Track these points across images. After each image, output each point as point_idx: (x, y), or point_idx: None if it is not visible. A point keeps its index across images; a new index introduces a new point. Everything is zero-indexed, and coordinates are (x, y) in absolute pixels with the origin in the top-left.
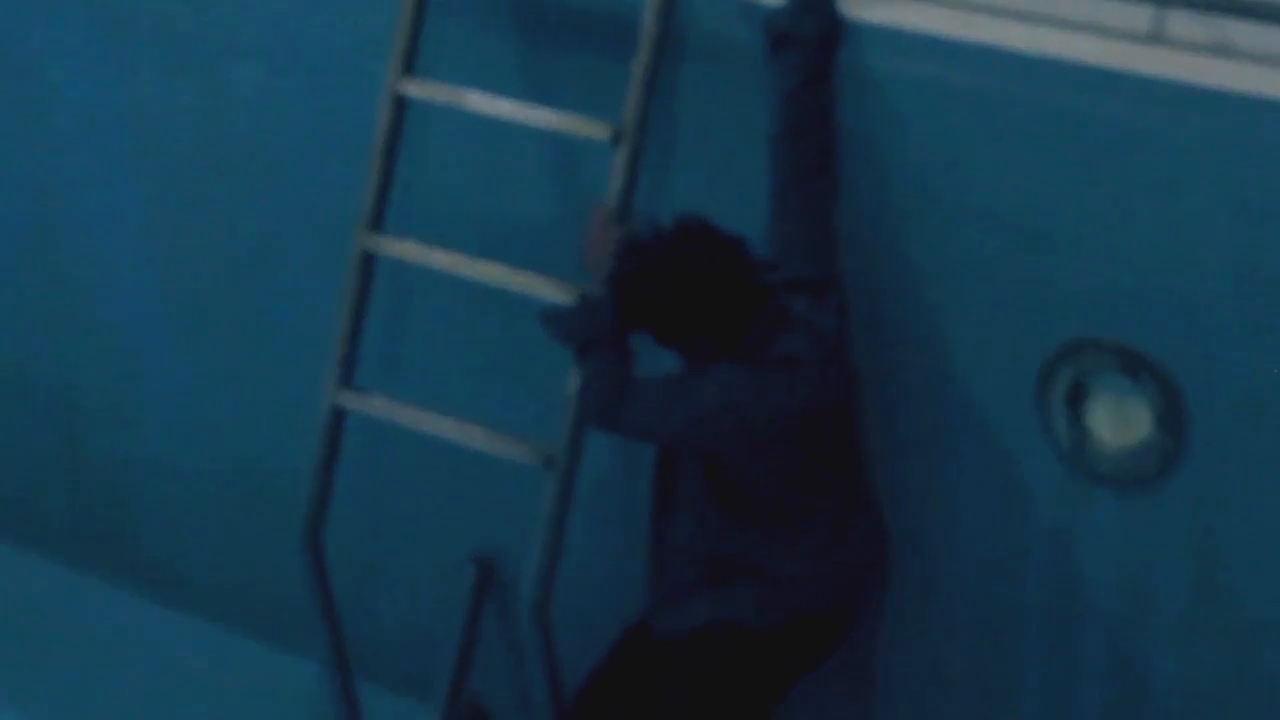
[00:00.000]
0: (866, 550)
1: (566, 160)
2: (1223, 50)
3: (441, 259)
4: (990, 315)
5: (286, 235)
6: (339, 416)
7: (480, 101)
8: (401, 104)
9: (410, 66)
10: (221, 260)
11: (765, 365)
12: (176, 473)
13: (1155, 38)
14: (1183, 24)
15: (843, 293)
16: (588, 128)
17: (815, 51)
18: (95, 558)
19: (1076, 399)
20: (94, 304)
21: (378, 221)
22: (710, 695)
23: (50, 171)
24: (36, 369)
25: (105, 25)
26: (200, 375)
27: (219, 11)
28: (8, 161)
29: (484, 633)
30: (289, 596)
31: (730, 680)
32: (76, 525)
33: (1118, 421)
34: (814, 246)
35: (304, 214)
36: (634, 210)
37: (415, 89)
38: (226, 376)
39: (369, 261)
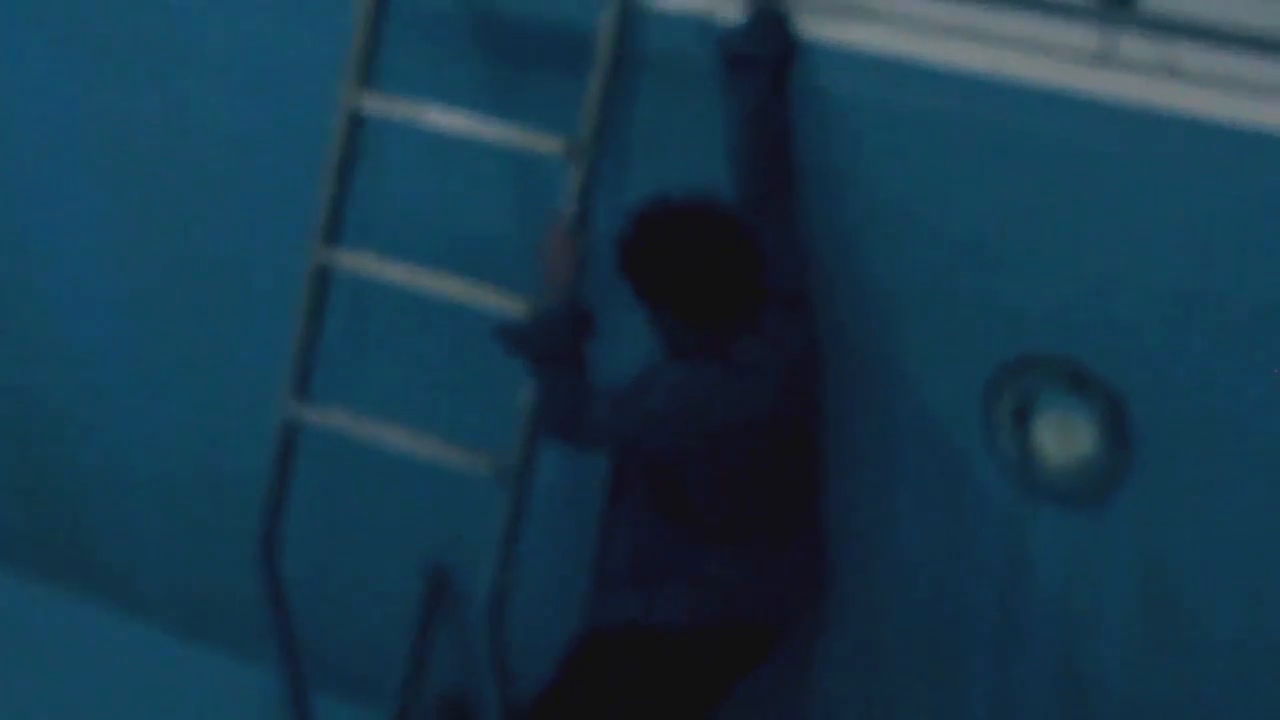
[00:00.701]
0: (805, 566)
1: (522, 173)
2: (1172, 72)
3: (396, 272)
4: (937, 332)
5: (245, 247)
6: (294, 428)
7: (436, 116)
8: (356, 117)
9: (366, 80)
10: (180, 271)
11: (724, 367)
12: (131, 481)
13: (1104, 59)
14: (1132, 46)
15: (811, 312)
16: (543, 142)
17: (770, 71)
18: (50, 566)
19: (1022, 415)
20: (51, 313)
21: (332, 234)
22: (636, 694)
23: (8, 181)
24: None
25: (65, 35)
26: (156, 385)
27: (180, 23)
28: None
29: (439, 642)
30: (243, 605)
31: (655, 681)
32: (31, 533)
33: (1063, 437)
34: (782, 260)
35: (263, 226)
36: (590, 224)
37: (371, 102)
38: (183, 386)
39: (324, 274)
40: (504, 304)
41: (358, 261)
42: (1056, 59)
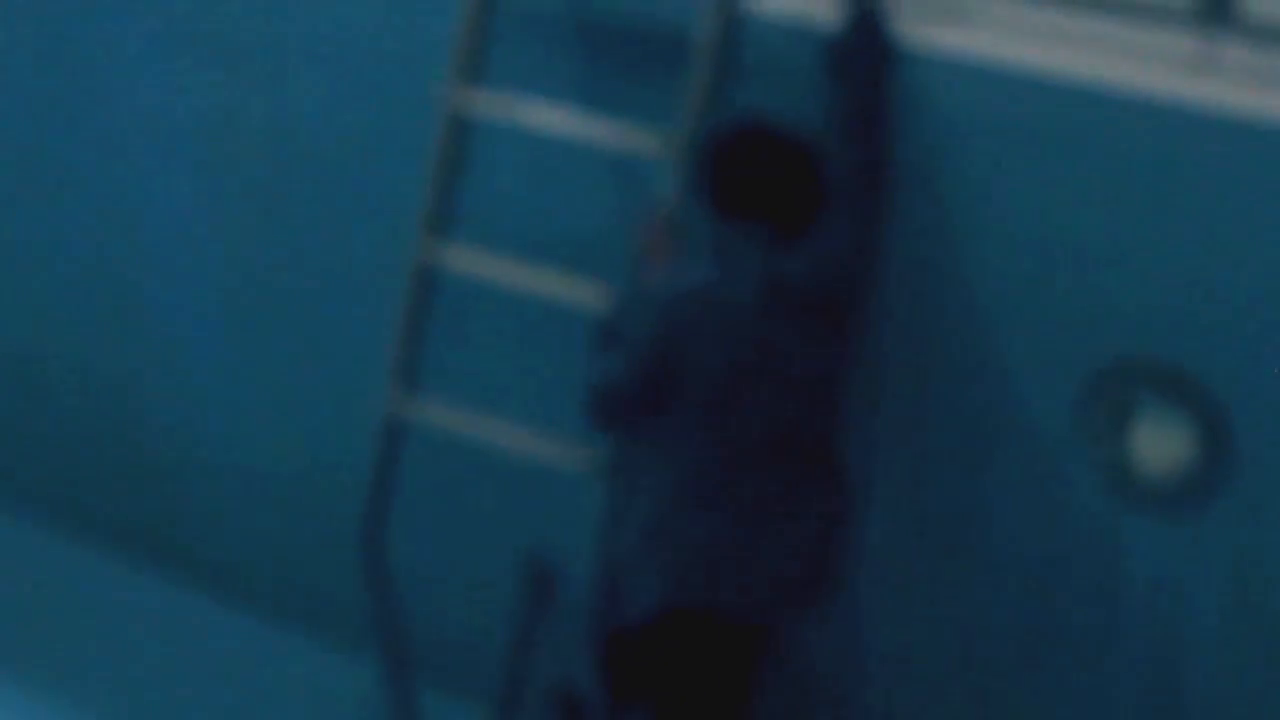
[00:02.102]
0: (812, 542)
1: (621, 170)
2: (1266, 79)
3: (498, 267)
4: (1035, 336)
5: (347, 242)
6: (398, 422)
7: (538, 113)
8: (461, 114)
9: (471, 77)
10: (282, 266)
11: (724, 271)
12: (233, 473)
13: (1203, 65)
14: (1231, 52)
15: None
16: (642, 141)
17: (868, 76)
18: (154, 557)
19: (1119, 419)
20: (155, 305)
21: (437, 229)
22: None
23: (114, 174)
24: (98, 369)
25: (171, 30)
26: (259, 378)
27: (284, 18)
28: (72, 163)
29: (543, 634)
30: (346, 598)
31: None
32: (135, 523)
33: (1160, 442)
34: (847, 257)
35: (363, 219)
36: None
37: (475, 100)
38: (285, 380)
39: (428, 269)
40: (602, 299)
41: (462, 257)
42: (1154, 65)
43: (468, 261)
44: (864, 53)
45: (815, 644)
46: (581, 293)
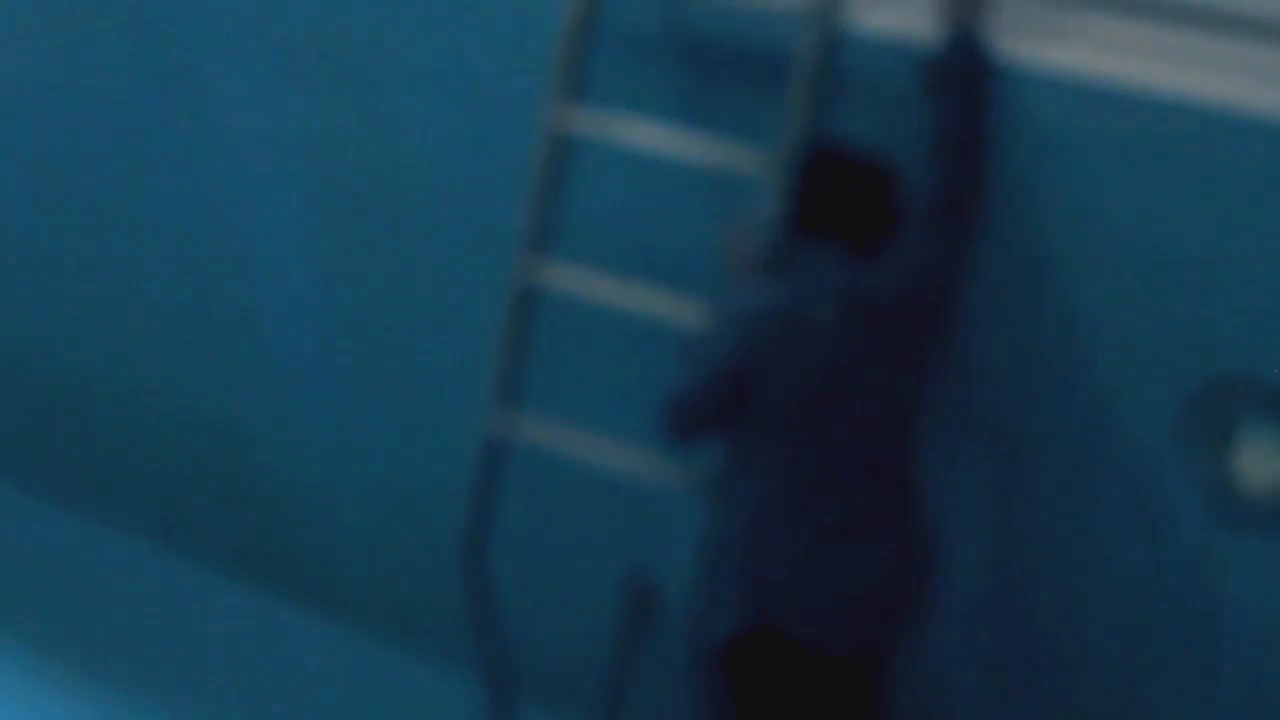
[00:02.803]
0: (887, 571)
1: (720, 188)
2: None
3: (599, 285)
4: (1136, 354)
5: (447, 260)
6: (499, 440)
7: (638, 131)
8: (561, 133)
9: (571, 96)
10: (384, 284)
11: (802, 289)
12: (337, 492)
13: None
14: None
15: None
16: (743, 159)
17: (968, 94)
18: (259, 573)
19: (1220, 438)
20: (259, 326)
21: (539, 248)
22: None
23: (220, 197)
24: (204, 392)
25: (276, 49)
26: (360, 397)
27: (387, 38)
28: (178, 188)
29: (646, 656)
30: (446, 614)
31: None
32: (240, 540)
33: (1262, 461)
34: (932, 270)
35: (465, 239)
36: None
37: (575, 119)
38: (386, 397)
39: (529, 288)
40: (702, 317)
41: (563, 275)
42: (1254, 80)
43: (569, 280)
44: (962, 70)
45: (906, 669)
46: (681, 311)
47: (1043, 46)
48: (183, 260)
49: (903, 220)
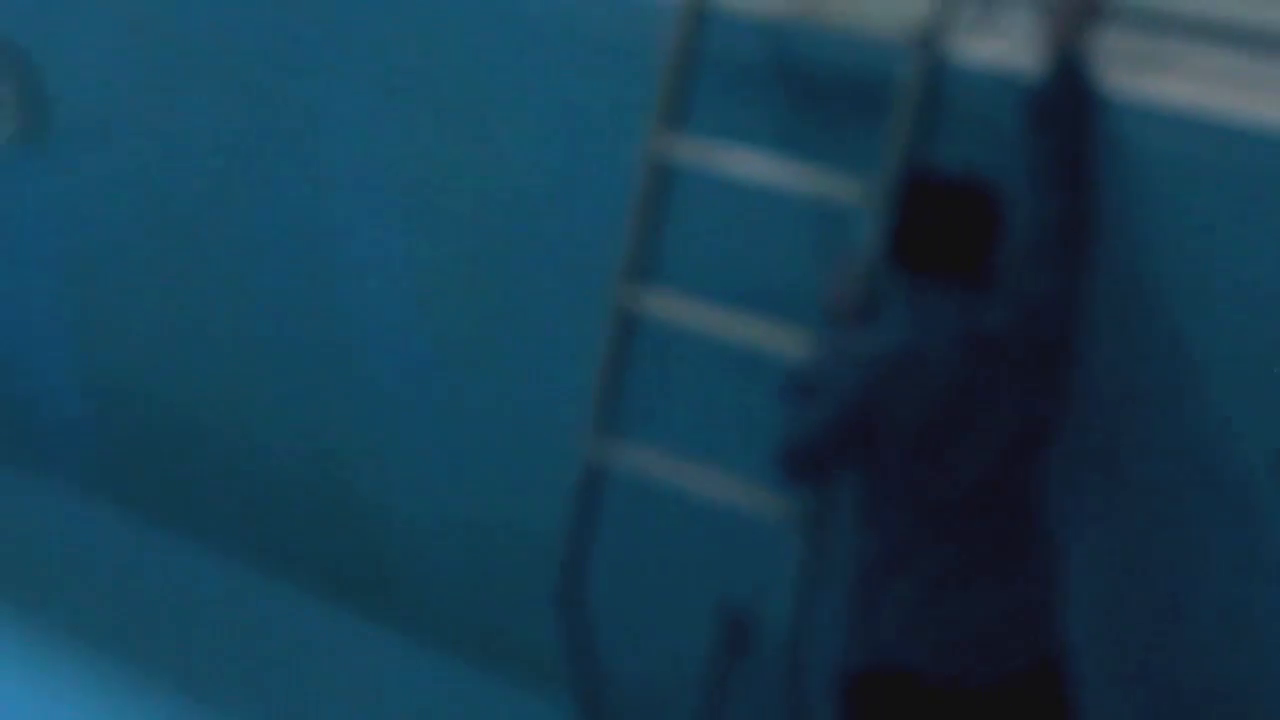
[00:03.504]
0: (1009, 614)
1: (820, 217)
2: None
3: (697, 313)
4: (1238, 386)
5: (547, 288)
6: (597, 468)
7: (738, 160)
8: (662, 161)
9: (672, 124)
10: (482, 313)
11: (917, 333)
12: (435, 517)
13: None
14: None
15: (1067, 363)
16: (842, 188)
17: (1070, 126)
18: (353, 596)
19: None
20: (358, 352)
21: (637, 275)
22: None
23: (320, 224)
24: (303, 419)
25: (380, 80)
26: (459, 423)
27: (489, 67)
28: (279, 215)
29: (737, 685)
30: (542, 640)
31: None
32: (335, 564)
33: None
34: (1050, 306)
35: (565, 267)
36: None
37: (676, 147)
38: (483, 426)
39: (628, 315)
40: (801, 346)
41: (662, 303)
42: None
43: (668, 307)
44: (1065, 101)
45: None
46: (781, 339)
47: (1146, 78)
48: (285, 290)
49: (1010, 250)
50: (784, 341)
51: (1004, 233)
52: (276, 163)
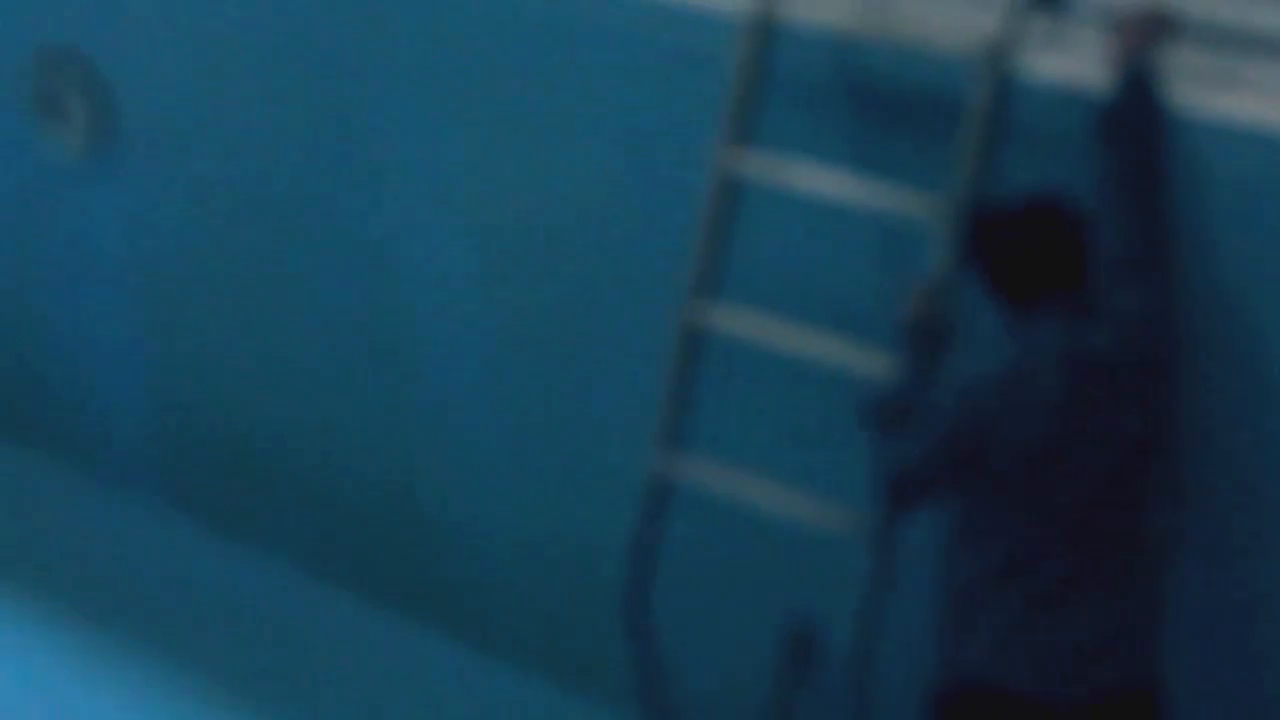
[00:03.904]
0: (1102, 639)
1: (889, 233)
2: None
3: (764, 328)
4: None
5: (613, 303)
6: (663, 482)
7: (807, 176)
8: (730, 177)
9: (740, 140)
10: (548, 327)
11: (1020, 355)
12: (501, 532)
13: None
14: None
15: (1167, 381)
16: (913, 205)
17: (1143, 143)
18: (423, 612)
19: None
20: (421, 366)
21: (704, 290)
22: None
23: (386, 239)
24: (370, 434)
25: (441, 97)
26: (524, 438)
27: (558, 82)
28: (344, 230)
29: (802, 701)
30: (608, 654)
31: None
32: (402, 576)
33: None
34: (1147, 327)
35: (632, 283)
36: (956, 289)
37: (744, 162)
38: (548, 440)
39: (695, 328)
40: (869, 362)
41: (729, 317)
42: None
43: (735, 322)
44: (1135, 118)
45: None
46: (848, 355)
47: (1217, 95)
48: (351, 303)
49: (1100, 270)
50: (851, 357)
51: (1093, 256)
52: (342, 178)
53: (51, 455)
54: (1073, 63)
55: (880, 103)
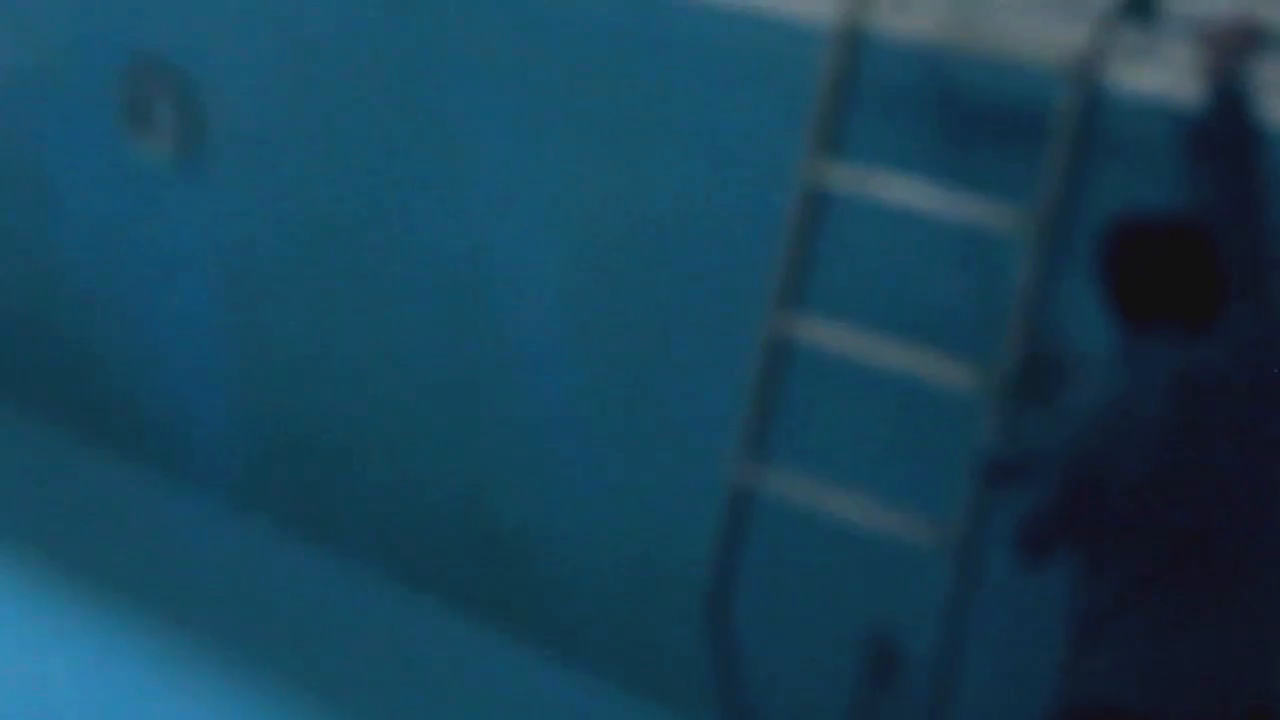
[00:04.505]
0: (1215, 667)
1: (974, 245)
2: None
3: (850, 339)
4: None
5: (699, 313)
6: (745, 491)
7: (893, 186)
8: (816, 188)
9: (826, 152)
10: (634, 337)
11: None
12: (581, 540)
13: None
14: None
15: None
16: (1000, 217)
17: (1235, 157)
18: (501, 619)
19: None
20: (510, 375)
21: (789, 301)
22: None
23: (474, 245)
24: (454, 436)
25: (529, 104)
26: (607, 447)
27: (645, 92)
28: (427, 234)
29: (886, 717)
30: (688, 663)
31: None
32: (484, 582)
33: None
34: (1255, 342)
35: (716, 293)
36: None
37: (831, 174)
38: (633, 449)
39: (780, 340)
40: (954, 374)
41: (814, 329)
42: None
43: (819, 333)
44: (1226, 132)
45: None
46: (931, 367)
47: None
48: (436, 310)
49: (1228, 291)
50: (934, 368)
51: (1220, 277)
52: (427, 185)
53: (134, 457)
54: (1162, 75)
55: (967, 114)
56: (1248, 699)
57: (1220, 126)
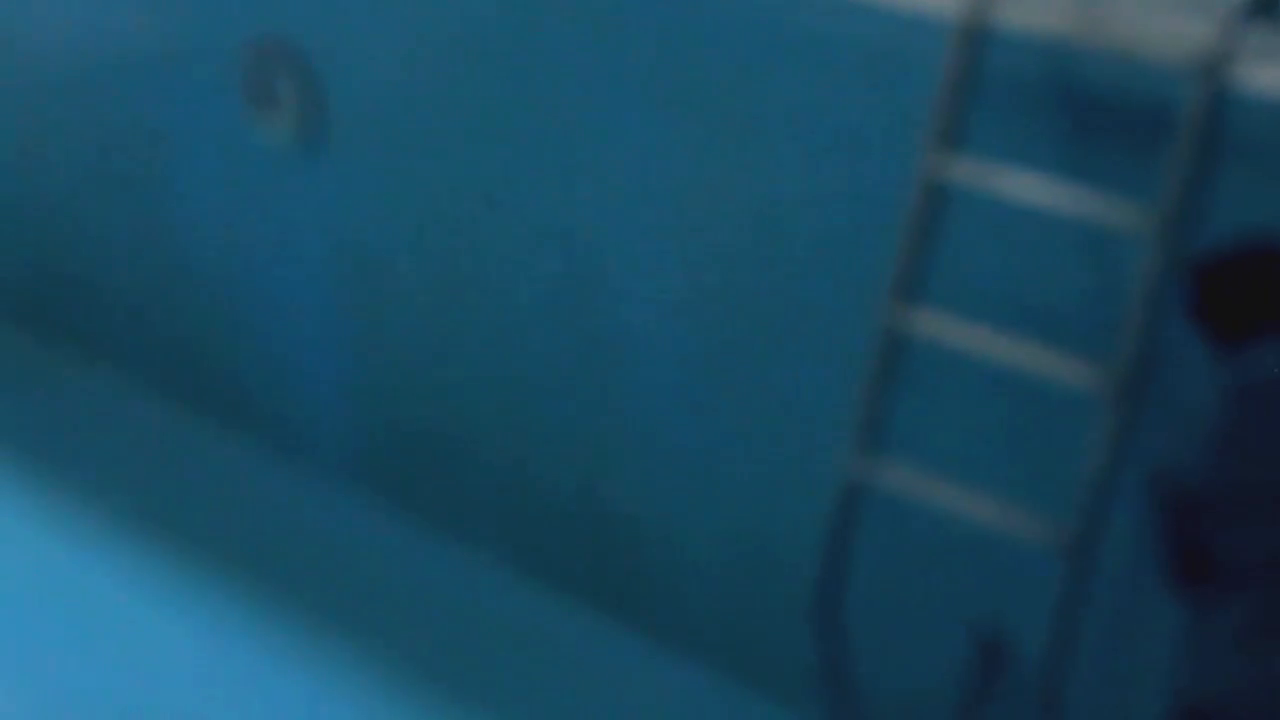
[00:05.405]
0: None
1: (1094, 242)
2: None
3: (967, 333)
4: None
5: (813, 306)
6: (857, 485)
7: (1015, 183)
8: (937, 182)
9: (947, 142)
10: (748, 327)
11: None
12: (693, 529)
13: None
14: None
15: None
16: (1123, 215)
17: None
18: (612, 608)
19: None
20: (624, 365)
21: (906, 295)
22: None
23: (586, 238)
24: (566, 424)
25: (647, 98)
26: (719, 437)
27: (764, 85)
28: (545, 223)
29: (994, 714)
30: (796, 655)
31: None
32: (595, 571)
33: None
34: None
35: (832, 285)
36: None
37: (951, 165)
38: (745, 439)
39: (895, 333)
40: (1070, 372)
41: (930, 322)
42: None
43: (935, 327)
44: None
45: None
46: (1049, 363)
47: None
48: (550, 300)
49: None
50: (1052, 365)
51: None
52: (546, 174)
53: (251, 436)
54: None
55: (1091, 110)
56: None
57: None
